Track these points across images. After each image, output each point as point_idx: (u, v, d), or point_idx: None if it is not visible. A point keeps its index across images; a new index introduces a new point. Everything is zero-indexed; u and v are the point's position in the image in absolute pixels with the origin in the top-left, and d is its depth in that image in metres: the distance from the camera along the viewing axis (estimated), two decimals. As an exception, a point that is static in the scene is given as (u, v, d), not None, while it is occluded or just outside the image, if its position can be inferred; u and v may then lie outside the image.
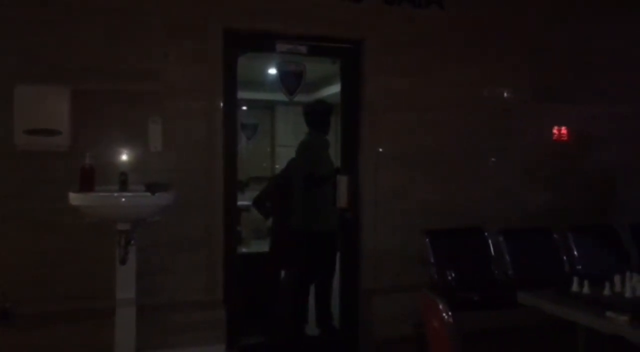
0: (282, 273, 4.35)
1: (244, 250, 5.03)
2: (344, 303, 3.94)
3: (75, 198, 2.85)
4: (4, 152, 3.06)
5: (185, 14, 3.36)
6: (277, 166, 6.46)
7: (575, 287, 2.64)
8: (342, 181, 3.74)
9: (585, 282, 2.63)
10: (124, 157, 3.27)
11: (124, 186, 3.09)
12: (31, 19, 3.12)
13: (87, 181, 3.00)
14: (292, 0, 3.56)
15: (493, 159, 4.08)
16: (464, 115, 3.95)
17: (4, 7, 3.07)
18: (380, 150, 3.78)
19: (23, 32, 3.11)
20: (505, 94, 4.11)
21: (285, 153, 5.25)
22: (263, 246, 4.76)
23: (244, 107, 6.25)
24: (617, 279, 2.63)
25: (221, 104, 3.45)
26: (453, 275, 3.25)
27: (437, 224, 3.64)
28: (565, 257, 3.62)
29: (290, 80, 4.00)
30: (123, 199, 2.97)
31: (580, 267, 3.55)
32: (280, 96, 4.39)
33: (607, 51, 4.34)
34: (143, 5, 3.29)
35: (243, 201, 4.90)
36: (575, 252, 3.61)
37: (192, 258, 3.39)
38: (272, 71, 4.96)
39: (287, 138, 6.67)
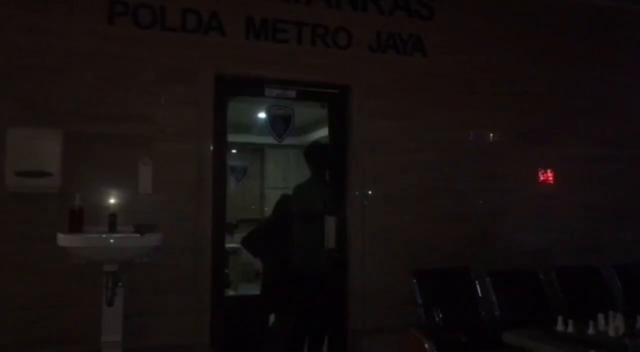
0: (272, 317, 4.29)
1: (231, 293, 5.01)
2: (331, 345, 3.90)
3: (63, 239, 2.87)
4: (-6, 193, 3.08)
5: (177, 59, 3.46)
6: (265, 208, 6.49)
7: (559, 326, 2.68)
8: (330, 221, 3.78)
9: (570, 322, 2.66)
10: (114, 198, 3.29)
11: (112, 227, 3.11)
12: (24, 65, 3.19)
13: (75, 222, 3.03)
14: (281, 47, 3.70)
15: (481, 201, 4.14)
16: (449, 158, 4.04)
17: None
18: (370, 192, 3.84)
19: (16, 77, 3.17)
20: (490, 137, 4.22)
21: (275, 195, 5.28)
22: (251, 289, 4.72)
23: (234, 151, 6.33)
24: (600, 318, 2.67)
25: (211, 147, 3.52)
26: (440, 315, 3.25)
27: (424, 265, 3.67)
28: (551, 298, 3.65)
29: (279, 124, 4.08)
30: (111, 240, 2.98)
31: (565, 307, 3.57)
32: (269, 139, 4.46)
33: (589, 96, 4.50)
34: (135, 51, 3.38)
35: (232, 244, 4.90)
36: (561, 293, 3.64)
37: (179, 300, 3.37)
38: (262, 115, 5.05)
39: (276, 180, 6.75)
